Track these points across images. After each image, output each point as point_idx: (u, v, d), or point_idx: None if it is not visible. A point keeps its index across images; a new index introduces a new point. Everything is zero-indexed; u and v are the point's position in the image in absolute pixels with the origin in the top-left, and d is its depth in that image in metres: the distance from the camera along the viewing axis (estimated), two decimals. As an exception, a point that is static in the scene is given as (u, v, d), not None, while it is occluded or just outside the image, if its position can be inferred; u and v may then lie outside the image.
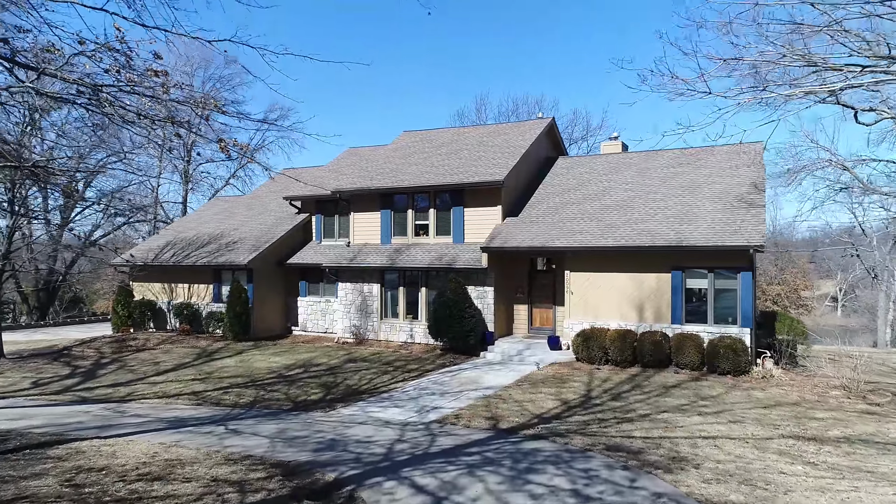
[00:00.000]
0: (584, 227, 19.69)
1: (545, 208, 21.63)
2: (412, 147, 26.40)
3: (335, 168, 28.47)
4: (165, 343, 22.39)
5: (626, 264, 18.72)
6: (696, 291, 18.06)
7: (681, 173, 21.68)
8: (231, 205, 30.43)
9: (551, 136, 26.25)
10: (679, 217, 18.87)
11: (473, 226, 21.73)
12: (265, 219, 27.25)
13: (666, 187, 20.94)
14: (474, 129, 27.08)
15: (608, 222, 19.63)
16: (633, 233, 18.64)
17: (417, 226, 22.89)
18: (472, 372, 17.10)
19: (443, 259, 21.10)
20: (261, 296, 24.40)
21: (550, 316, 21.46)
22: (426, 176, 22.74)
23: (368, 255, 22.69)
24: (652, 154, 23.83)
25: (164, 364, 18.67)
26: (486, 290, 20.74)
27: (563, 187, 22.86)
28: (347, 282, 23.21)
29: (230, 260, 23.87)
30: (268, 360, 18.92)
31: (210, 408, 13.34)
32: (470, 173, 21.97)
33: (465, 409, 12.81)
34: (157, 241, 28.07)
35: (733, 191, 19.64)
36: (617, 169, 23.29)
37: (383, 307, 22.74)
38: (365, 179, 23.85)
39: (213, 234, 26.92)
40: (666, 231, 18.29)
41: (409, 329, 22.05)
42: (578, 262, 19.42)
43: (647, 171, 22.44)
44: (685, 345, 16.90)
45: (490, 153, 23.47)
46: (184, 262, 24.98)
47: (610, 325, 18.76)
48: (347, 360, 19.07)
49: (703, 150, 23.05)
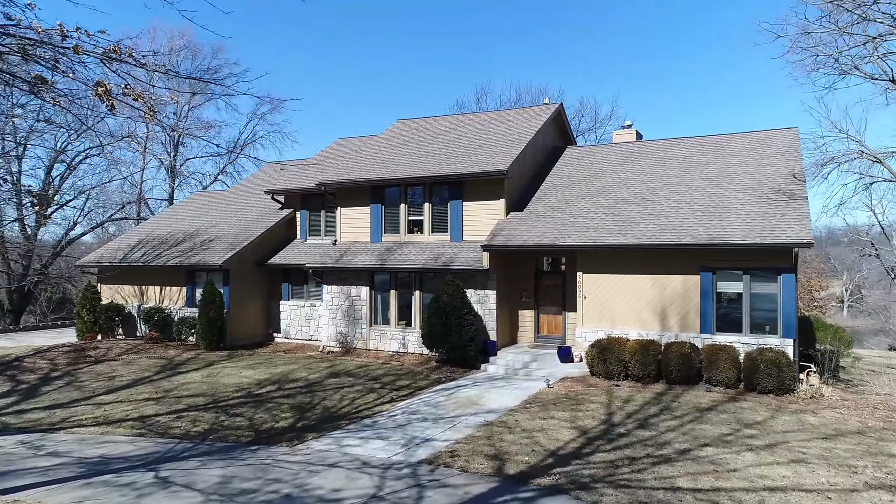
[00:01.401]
0: (598, 223, 17.35)
1: (554, 202, 19.29)
2: (406, 136, 24.07)
3: (322, 160, 26.14)
4: (129, 353, 20.06)
5: (647, 265, 16.40)
6: (729, 296, 15.71)
7: (705, 163, 19.34)
8: (211, 200, 28.11)
9: (559, 124, 23.92)
10: (708, 211, 16.54)
11: (473, 222, 19.39)
12: (246, 215, 24.93)
13: (690, 178, 18.59)
14: (475, 116, 24.75)
15: (625, 217, 17.29)
16: (656, 229, 16.31)
17: (411, 222, 20.55)
18: (472, 390, 14.76)
19: (439, 259, 18.77)
20: (238, 299, 22.07)
21: (560, 323, 19.12)
22: (421, 166, 20.41)
23: (356, 255, 20.36)
24: (671, 142, 21.48)
25: (120, 379, 16.35)
26: (488, 293, 18.40)
27: (573, 179, 20.51)
28: (333, 284, 20.88)
29: (204, 260, 21.53)
30: (239, 375, 16.59)
31: (153, 440, 11.01)
32: (470, 163, 19.64)
33: (463, 443, 10.49)
34: (128, 240, 25.74)
35: (768, 182, 17.30)
36: (632, 158, 20.95)
37: (373, 313, 20.40)
38: (352, 171, 21.52)
39: (188, 232, 24.59)
40: (693, 227, 15.96)
41: (402, 337, 19.72)
42: (592, 262, 17.09)
43: (667, 161, 20.10)
44: (718, 358, 14.57)
45: (492, 141, 21.13)
46: (154, 263, 22.66)
47: (629, 334, 16.44)
48: (330, 374, 16.74)
49: (728, 138, 20.71)
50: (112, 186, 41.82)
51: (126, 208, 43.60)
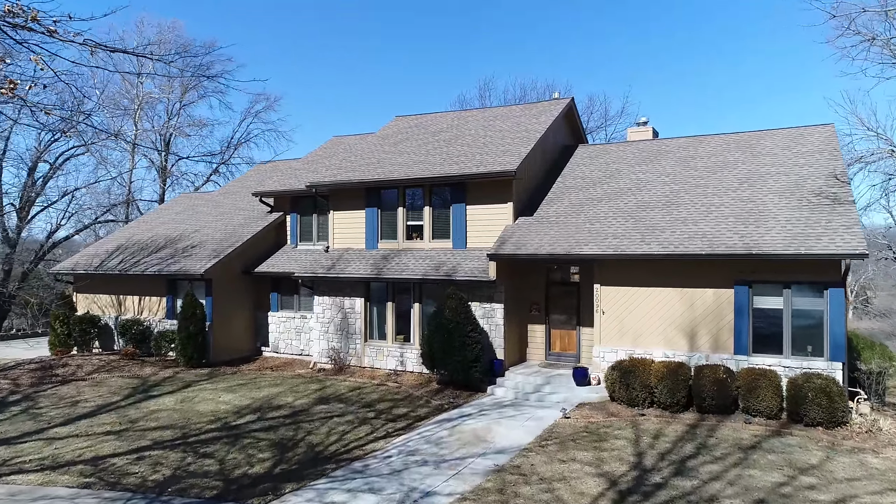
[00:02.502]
0: (618, 230, 15.59)
1: (567, 205, 17.53)
2: (404, 134, 22.31)
3: (315, 159, 24.40)
4: (101, 371, 18.31)
5: (673, 276, 14.65)
6: (768, 312, 13.94)
7: (733, 162, 17.57)
8: (196, 202, 26.36)
9: (570, 121, 22.15)
10: (741, 216, 14.78)
11: (478, 227, 17.64)
12: (233, 219, 23.17)
13: (718, 179, 16.83)
14: (479, 112, 22.99)
15: (648, 223, 15.53)
16: (683, 236, 14.55)
17: (410, 227, 18.78)
18: (478, 421, 13.00)
19: (440, 269, 17.01)
20: (222, 311, 20.32)
21: (574, 339, 17.36)
22: (420, 166, 18.65)
23: (350, 264, 18.61)
24: (694, 140, 19.71)
25: (85, 405, 14.61)
26: (494, 307, 16.64)
27: (587, 180, 18.75)
28: (325, 295, 19.12)
29: (185, 268, 19.78)
30: (216, 400, 14.84)
31: (99, 494, 9.26)
32: (474, 162, 17.88)
33: (471, 500, 8.73)
34: (106, 245, 24.00)
35: (806, 183, 15.54)
36: (652, 158, 19.18)
37: (368, 326, 18.64)
38: (346, 171, 19.76)
39: (170, 237, 22.85)
40: (727, 234, 14.20)
41: (399, 354, 17.96)
42: (611, 272, 15.34)
43: (691, 161, 18.33)
44: (758, 385, 12.80)
45: (498, 139, 19.37)
46: (132, 271, 20.90)
47: (653, 354, 14.70)
48: (318, 398, 14.99)
49: (756, 135, 18.94)
50: (99, 187, 40.07)
51: (114, 210, 41.84)
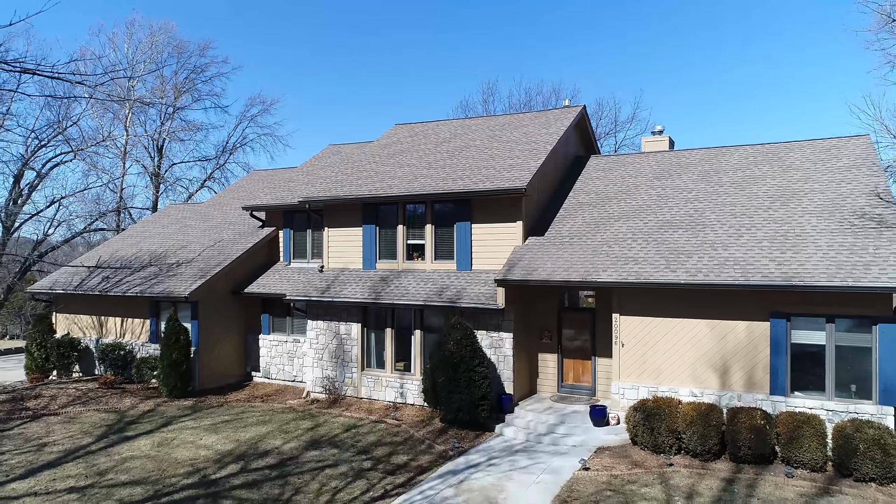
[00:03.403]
0: (638, 253, 14.21)
1: (581, 224, 16.14)
2: (405, 143, 20.93)
3: (311, 170, 23.03)
4: (76, 403, 16.94)
5: (701, 306, 13.28)
6: (808, 349, 12.56)
7: (761, 177, 16.19)
8: (185, 214, 24.99)
9: (582, 130, 20.78)
10: (776, 240, 13.40)
11: (484, 247, 16.26)
12: (222, 233, 21.80)
13: (746, 197, 15.44)
14: (484, 121, 21.60)
15: (672, 246, 14.15)
16: (713, 263, 13.16)
17: (410, 246, 17.41)
18: (487, 474, 11.59)
19: (443, 294, 15.63)
20: (209, 335, 18.94)
21: (588, 369, 15.99)
22: (422, 181, 17.27)
23: (346, 286, 17.23)
24: (716, 152, 18.32)
25: (52, 449, 13.23)
26: (503, 336, 15.27)
27: (601, 195, 17.36)
28: (319, 319, 17.74)
29: (169, 290, 18.40)
30: (197, 444, 13.45)
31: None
32: (480, 177, 16.50)
33: None
34: (89, 261, 22.61)
35: (846, 203, 14.15)
36: (671, 171, 17.80)
37: (365, 354, 17.27)
38: (342, 185, 18.38)
39: (155, 253, 21.47)
40: (761, 261, 12.82)
41: (399, 385, 16.59)
42: (632, 301, 13.96)
43: (714, 175, 16.95)
44: (801, 434, 11.40)
45: (506, 151, 17.99)
46: (113, 292, 19.52)
47: (678, 392, 13.33)
48: (310, 441, 13.60)
49: (785, 147, 17.55)
50: (89, 195, 38.68)
51: (105, 218, 40.45)
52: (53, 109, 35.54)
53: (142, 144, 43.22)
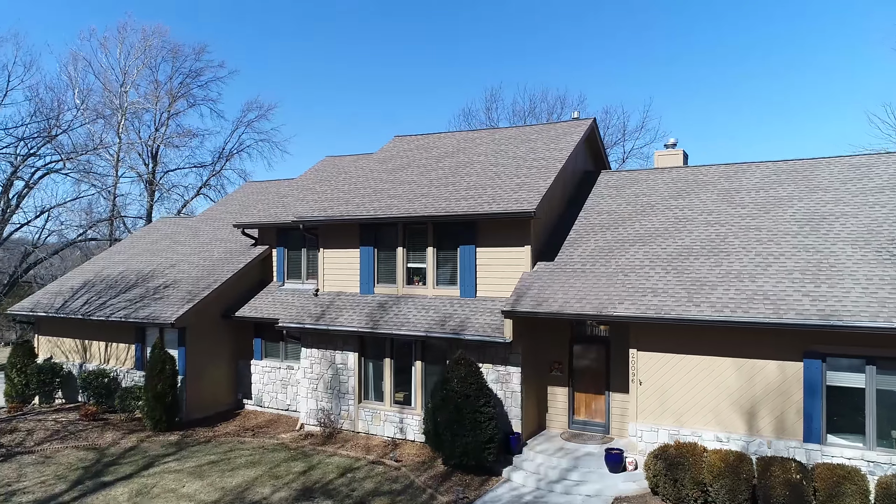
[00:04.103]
0: (657, 284, 13.14)
1: (593, 249, 15.07)
2: (405, 157, 19.87)
3: (306, 184, 21.97)
4: (54, 438, 15.88)
5: (727, 344, 12.20)
6: (846, 392, 11.48)
7: (787, 198, 15.11)
8: (175, 229, 23.93)
9: (592, 144, 19.72)
10: (808, 271, 12.32)
11: (490, 273, 15.20)
12: (212, 251, 20.73)
13: (771, 220, 14.36)
14: (488, 133, 20.52)
15: (694, 276, 13.08)
16: (740, 297, 12.08)
17: (411, 270, 16.35)
18: (495, 533, 10.53)
19: (446, 324, 14.57)
20: (197, 362, 17.87)
21: (602, 405, 14.91)
22: (423, 201, 16.21)
23: (342, 312, 16.16)
24: (734, 169, 17.24)
25: (20, 498, 12.15)
26: (510, 371, 14.20)
27: (614, 216, 16.29)
28: (314, 347, 16.67)
29: (154, 315, 17.33)
30: (179, 492, 12.37)
31: None
32: (485, 198, 15.43)
33: None
34: (72, 280, 21.56)
35: (883, 229, 13.07)
36: (688, 189, 16.73)
37: (362, 386, 16.20)
38: (338, 203, 17.31)
39: (142, 273, 20.41)
40: (793, 296, 11.74)
41: (399, 420, 15.52)
42: (650, 336, 12.89)
43: (735, 195, 15.87)
44: (841, 491, 10.32)
45: (512, 168, 16.92)
46: (96, 315, 18.44)
47: (702, 436, 12.25)
48: (302, 489, 12.53)
49: (809, 164, 16.47)
50: (81, 204, 37.62)
51: (98, 227, 39.38)
52: (42, 116, 34.54)
53: (136, 151, 42.22)
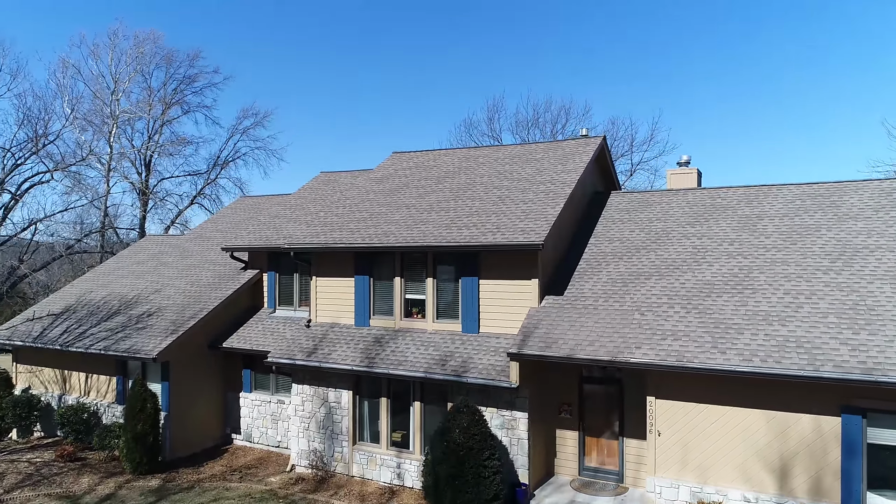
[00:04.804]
0: (677, 325, 12.05)
1: (606, 282, 13.98)
2: (403, 177, 18.78)
3: (299, 202, 20.88)
4: (26, 483, 14.79)
5: (755, 394, 11.12)
6: (889, 451, 10.41)
7: (814, 227, 14.03)
8: (163, 248, 22.84)
9: (601, 163, 18.63)
10: (846, 314, 11.22)
11: (494, 307, 14.12)
12: (200, 275, 19.65)
13: (800, 252, 13.27)
14: (490, 151, 19.42)
15: (718, 317, 11.99)
16: (770, 344, 10.99)
17: (409, 301, 15.28)
18: None
19: (447, 364, 13.48)
20: (182, 397, 16.80)
21: (615, 451, 13.82)
22: (422, 227, 15.13)
23: (335, 348, 15.08)
24: (756, 191, 16.14)
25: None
26: (517, 416, 13.11)
27: (627, 244, 15.20)
28: (305, 384, 15.60)
29: (136, 348, 16.25)
30: (155, 556, 11.32)
31: None
32: (489, 226, 14.35)
33: None
34: (53, 305, 20.47)
35: (923, 264, 11.98)
36: (706, 215, 15.64)
37: (357, 426, 15.12)
38: (332, 228, 16.23)
39: (126, 299, 19.33)
40: (830, 343, 10.65)
41: (396, 465, 14.43)
42: (670, 382, 11.81)
43: (758, 222, 14.78)
44: (889, 567, 9.27)
45: (517, 192, 15.84)
46: (75, 346, 17.35)
47: (728, 495, 11.17)
48: (289, 551, 11.45)
49: (837, 188, 15.38)
50: (69, 216, 36.55)
51: (89, 238, 38.33)
52: (30, 126, 33.51)
53: (128, 159, 41.15)
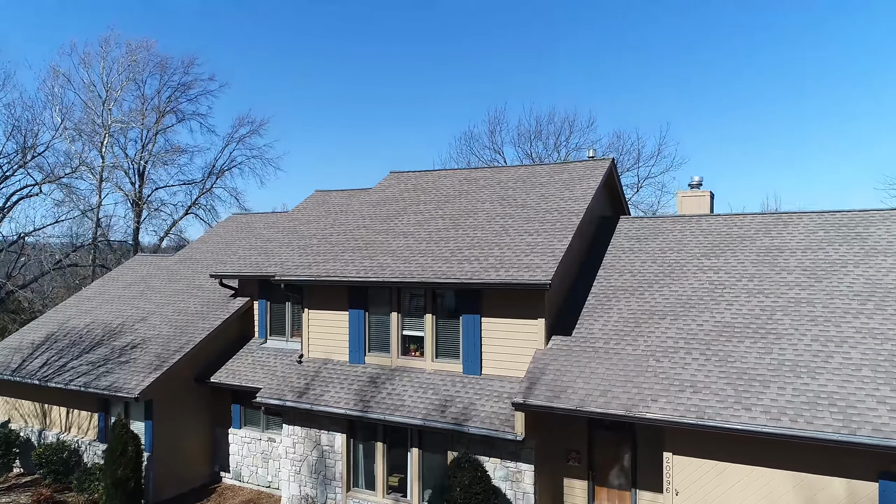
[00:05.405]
0: (696, 375, 11.13)
1: (616, 321, 13.06)
2: (400, 201, 17.85)
3: (293, 223, 19.95)
4: (-2, 535, 13.91)
5: (782, 453, 10.21)
6: (931, 522, 9.50)
7: (840, 262, 13.11)
8: (151, 270, 21.93)
9: (610, 186, 17.71)
10: (881, 367, 10.31)
11: (497, 347, 13.21)
12: (188, 302, 18.74)
13: (826, 292, 12.35)
14: (493, 173, 18.47)
15: (740, 367, 11.07)
16: (800, 401, 10.08)
17: (406, 338, 14.38)
18: None
19: (447, 410, 12.57)
20: (168, 436, 15.89)
21: (627, 500, 12.90)
22: (420, 260, 14.21)
23: (328, 387, 14.17)
24: (775, 219, 15.22)
25: None
26: (521, 468, 12.19)
27: (639, 277, 14.28)
28: (297, 425, 14.70)
29: (117, 386, 15.34)
30: None
31: None
32: (491, 260, 13.43)
33: None
34: (34, 333, 19.54)
35: (962, 309, 11.06)
36: (722, 246, 14.71)
37: (351, 472, 14.20)
38: (324, 260, 15.31)
39: (110, 327, 18.42)
40: (867, 402, 9.73)
41: (393, 515, 13.55)
42: (689, 438, 10.90)
43: (779, 255, 13.86)
44: None
45: (521, 220, 14.92)
46: (54, 381, 16.42)
47: (753, 564, 10.25)
48: None
49: (862, 216, 14.47)
50: (58, 229, 35.51)
51: (79, 252, 37.32)
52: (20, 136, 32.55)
53: (121, 169, 40.19)
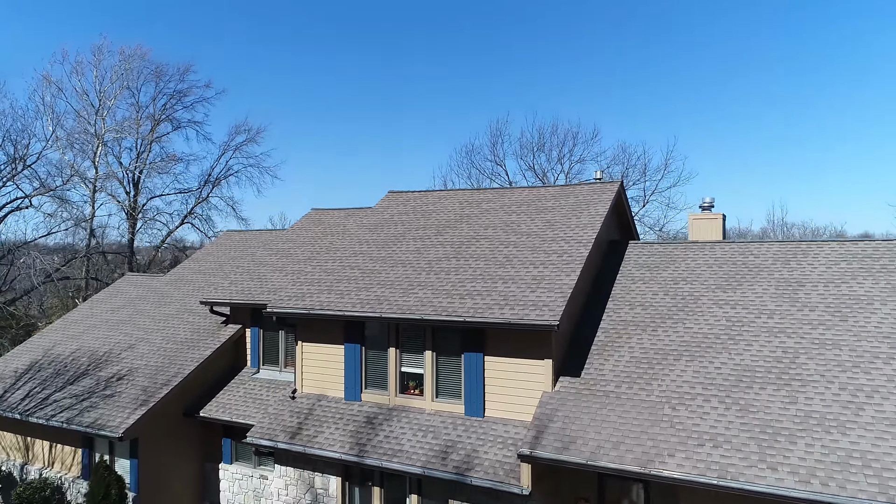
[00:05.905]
0: (716, 426, 10.35)
1: (628, 361, 12.28)
2: (399, 224, 17.08)
3: (287, 246, 19.18)
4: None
5: (811, 516, 9.43)
6: None
7: (864, 298, 12.33)
8: (140, 292, 21.15)
9: (618, 210, 16.95)
10: (916, 422, 9.55)
11: (502, 388, 12.43)
12: (178, 329, 17.97)
13: (853, 333, 11.57)
14: (496, 195, 17.67)
15: (763, 417, 10.30)
16: (829, 458, 9.31)
17: (405, 375, 13.60)
18: None
19: (448, 458, 11.80)
20: (154, 475, 15.13)
21: (639, 555, 12.14)
22: (419, 293, 13.43)
23: (322, 428, 13.40)
24: (795, 248, 14.43)
25: None
26: (528, 522, 11.43)
27: (650, 311, 13.50)
28: (289, 465, 13.92)
29: (100, 423, 14.57)
30: None
31: None
32: (494, 296, 12.65)
33: None
34: (17, 361, 18.76)
35: None
36: (738, 277, 13.93)
37: (347, 518, 13.45)
38: (319, 289, 14.54)
39: (96, 355, 17.66)
40: (904, 463, 8.97)
41: (391, 565, 12.77)
42: (708, 495, 10.13)
43: (799, 289, 13.07)
44: None
45: (526, 250, 14.14)
46: (35, 416, 15.66)
47: None
48: None
49: (886, 246, 13.68)
50: (52, 240, 34.84)
51: (72, 265, 36.58)
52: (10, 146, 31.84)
53: (115, 178, 39.42)
